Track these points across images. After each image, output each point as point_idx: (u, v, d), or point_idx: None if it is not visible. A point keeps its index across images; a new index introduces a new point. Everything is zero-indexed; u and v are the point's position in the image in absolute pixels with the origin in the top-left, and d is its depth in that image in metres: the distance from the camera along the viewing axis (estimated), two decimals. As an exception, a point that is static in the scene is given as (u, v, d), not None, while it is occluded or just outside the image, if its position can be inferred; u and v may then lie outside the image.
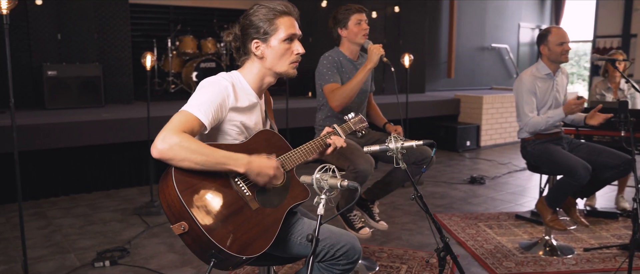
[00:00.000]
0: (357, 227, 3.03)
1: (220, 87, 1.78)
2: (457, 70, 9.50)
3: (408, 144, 2.06)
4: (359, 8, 3.10)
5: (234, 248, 1.58)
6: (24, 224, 4.01)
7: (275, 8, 1.87)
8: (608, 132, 4.07)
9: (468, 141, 7.21)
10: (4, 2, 2.66)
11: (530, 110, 3.36)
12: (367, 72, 2.93)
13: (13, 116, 2.91)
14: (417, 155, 3.04)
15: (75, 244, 3.64)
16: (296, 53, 1.91)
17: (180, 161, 1.61)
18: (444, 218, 4.15)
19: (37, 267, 3.26)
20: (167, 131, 1.61)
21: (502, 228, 3.95)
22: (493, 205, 4.59)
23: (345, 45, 3.17)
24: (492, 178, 5.56)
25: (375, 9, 8.11)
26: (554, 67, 3.43)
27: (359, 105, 3.21)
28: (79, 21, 6.19)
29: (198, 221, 1.56)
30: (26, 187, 4.67)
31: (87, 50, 6.25)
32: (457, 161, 6.56)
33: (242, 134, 1.87)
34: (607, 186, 3.65)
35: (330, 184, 1.53)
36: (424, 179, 5.51)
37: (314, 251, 1.49)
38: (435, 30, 9.18)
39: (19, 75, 5.94)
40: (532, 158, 3.45)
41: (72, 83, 5.87)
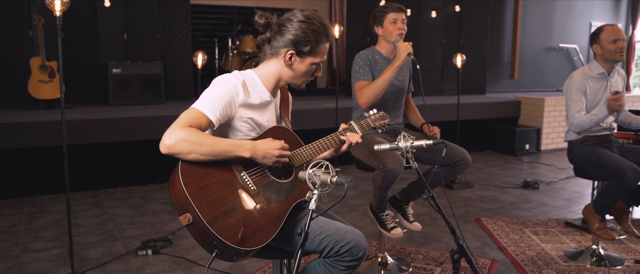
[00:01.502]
0: (389, 227, 3.01)
1: (229, 85, 1.83)
2: (521, 71, 9.17)
3: (418, 143, 2.03)
4: (397, 7, 3.09)
5: (234, 240, 1.63)
6: (82, 213, 4.29)
7: (327, 33, 1.92)
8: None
9: (527, 144, 6.95)
10: (58, 4, 2.83)
11: (577, 110, 3.21)
12: (394, 70, 2.90)
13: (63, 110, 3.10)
14: (452, 156, 2.99)
15: (124, 233, 3.83)
16: (314, 75, 1.99)
17: (187, 154, 1.67)
18: (489, 223, 4.03)
19: (86, 252, 3.46)
20: (174, 127, 1.68)
21: (548, 234, 3.79)
22: (543, 211, 4.41)
23: (381, 43, 3.16)
24: (547, 183, 5.34)
25: (435, 9, 7.99)
26: (608, 67, 3.25)
27: (394, 103, 3.18)
28: (143, 21, 6.49)
29: (200, 214, 1.62)
30: (87, 178, 4.96)
31: (150, 49, 6.54)
32: (514, 164, 6.34)
33: (254, 130, 1.91)
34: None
35: (322, 179, 1.55)
36: (474, 182, 5.37)
37: (302, 244, 1.51)
38: (498, 30, 8.91)
39: (87, 73, 6.31)
40: (579, 161, 3.29)
41: (135, 80, 6.17)
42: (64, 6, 2.87)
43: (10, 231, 3.85)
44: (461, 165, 3.00)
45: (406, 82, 3.27)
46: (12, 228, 3.93)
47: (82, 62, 6.28)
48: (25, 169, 4.70)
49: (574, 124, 3.20)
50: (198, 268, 3.20)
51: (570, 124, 3.25)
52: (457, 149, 3.02)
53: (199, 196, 1.64)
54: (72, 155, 4.79)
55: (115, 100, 6.08)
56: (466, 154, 3.01)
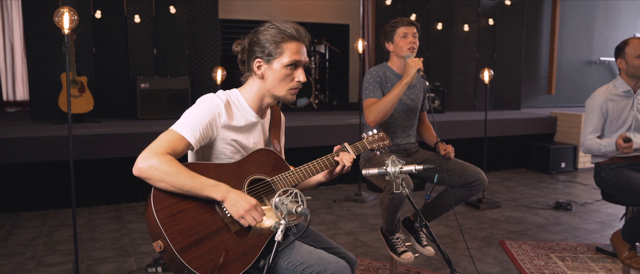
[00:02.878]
0: (399, 251, 2.89)
1: (211, 106, 1.77)
2: (558, 86, 8.86)
3: (407, 168, 1.91)
4: (407, 21, 2.99)
5: (204, 271, 1.56)
6: (101, 227, 4.32)
7: (285, 31, 1.82)
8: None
9: (563, 162, 6.65)
10: (66, 22, 2.85)
11: (590, 131, 3.03)
12: (403, 87, 2.79)
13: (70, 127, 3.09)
14: (467, 177, 2.85)
15: (138, 249, 3.82)
16: (297, 80, 1.85)
17: (157, 182, 1.62)
18: (513, 246, 3.84)
19: (98, 268, 3.46)
20: (149, 151, 1.63)
21: (576, 261, 3.57)
22: (574, 235, 4.17)
23: (393, 59, 3.07)
24: (581, 204, 5.07)
25: (467, 22, 7.82)
26: (634, 83, 3.06)
27: (406, 122, 3.07)
28: (172, 37, 6.58)
29: (170, 242, 1.56)
30: (110, 191, 5.00)
31: (178, 64, 6.61)
32: (547, 184, 6.07)
33: (238, 153, 1.84)
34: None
35: (288, 208, 1.46)
36: (502, 201, 5.15)
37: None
38: (534, 43, 8.64)
39: (117, 87, 6.42)
40: (606, 185, 3.10)
41: (163, 95, 6.23)
42: (72, 23, 2.87)
43: (29, 244, 3.90)
44: (476, 186, 2.86)
45: (419, 101, 3.15)
46: (32, 240, 3.98)
47: (112, 76, 6.39)
48: (51, 182, 4.78)
49: (584, 146, 3.03)
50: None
51: (581, 145, 3.07)
52: (472, 169, 2.88)
53: (170, 223, 1.58)
54: (97, 168, 4.85)
55: (143, 114, 6.16)
56: (481, 174, 2.87)
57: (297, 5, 9.44)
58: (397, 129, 3.03)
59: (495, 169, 6.78)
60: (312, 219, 4.48)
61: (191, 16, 6.62)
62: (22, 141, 4.61)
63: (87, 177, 4.87)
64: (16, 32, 8.04)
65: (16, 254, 3.71)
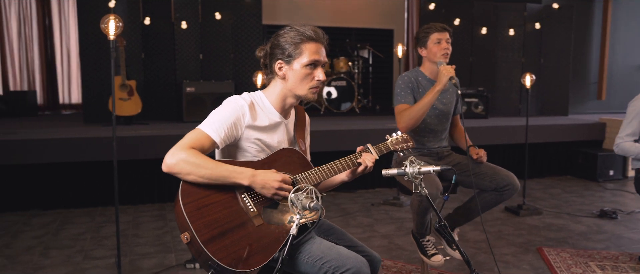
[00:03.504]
0: (429, 253, 2.90)
1: (235, 107, 1.86)
2: (609, 91, 8.58)
3: (425, 168, 1.93)
4: (440, 27, 3.00)
5: (227, 261, 1.64)
6: (145, 224, 4.50)
7: (304, 33, 1.90)
8: None
9: (611, 170, 6.44)
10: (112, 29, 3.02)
11: (627, 134, 2.97)
12: (435, 94, 2.80)
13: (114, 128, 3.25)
14: (498, 181, 2.84)
15: (179, 246, 3.97)
16: (316, 79, 1.92)
17: (186, 175, 1.71)
18: (551, 253, 3.77)
19: (140, 262, 3.62)
20: (177, 147, 1.73)
21: (617, 270, 3.47)
22: (617, 244, 4.05)
23: (426, 65, 3.08)
24: (628, 213, 4.91)
25: (512, 26, 7.70)
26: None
27: (438, 127, 3.08)
28: (218, 42, 6.78)
29: (196, 234, 1.64)
30: (155, 190, 5.20)
31: (223, 68, 6.80)
32: (593, 191, 5.89)
33: (263, 151, 1.93)
34: None
35: (302, 204, 1.52)
36: (544, 208, 5.05)
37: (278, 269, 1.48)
38: (584, 47, 8.42)
39: (164, 91, 6.66)
40: (646, 192, 3.01)
41: (207, 98, 6.42)
42: (117, 30, 3.04)
43: (78, 238, 4.11)
44: (508, 190, 2.84)
45: (451, 105, 3.15)
46: (81, 235, 4.20)
47: (160, 81, 6.64)
48: (100, 180, 5.01)
49: (619, 147, 2.97)
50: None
51: (615, 145, 3.00)
52: (504, 173, 2.86)
53: (197, 216, 1.67)
54: (143, 168, 5.05)
55: (188, 117, 6.36)
56: (513, 178, 2.85)
57: (341, 11, 9.52)
58: (430, 134, 3.05)
59: (539, 176, 6.64)
60: (349, 222, 4.54)
61: (236, 22, 6.79)
62: (74, 141, 4.86)
63: (134, 177, 5.08)
64: (72, 38, 8.45)
65: (66, 247, 3.92)
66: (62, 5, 8.38)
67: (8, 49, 8.06)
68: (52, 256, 3.74)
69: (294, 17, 9.09)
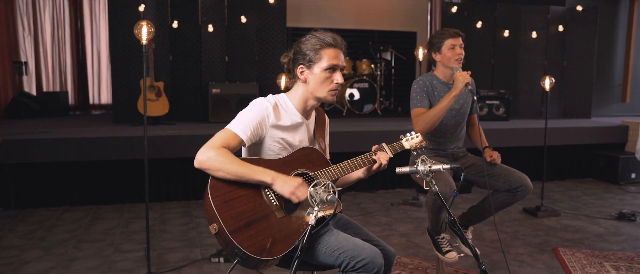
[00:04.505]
0: (444, 250, 3.01)
1: (261, 108, 2.01)
2: (634, 94, 8.52)
3: (436, 167, 2.05)
4: (454, 33, 3.10)
5: (252, 250, 1.78)
6: (171, 220, 4.68)
7: (324, 39, 2.05)
8: None
9: (633, 173, 6.43)
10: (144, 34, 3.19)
11: None
12: (451, 100, 2.91)
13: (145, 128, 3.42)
14: (511, 182, 2.94)
15: (204, 241, 4.14)
16: (335, 82, 2.06)
17: (215, 171, 1.87)
18: (566, 254, 3.83)
19: (167, 256, 3.79)
20: (208, 146, 1.89)
21: (632, 270, 3.52)
22: (634, 245, 4.09)
23: (439, 69, 3.18)
24: (647, 216, 4.93)
25: (535, 29, 7.72)
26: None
27: (454, 128, 3.18)
28: (243, 45, 6.95)
29: (224, 224, 1.79)
30: (180, 188, 5.39)
31: (248, 70, 6.97)
32: (614, 194, 5.90)
33: (285, 150, 2.07)
34: None
35: (320, 197, 1.65)
36: (563, 210, 5.09)
37: (297, 256, 1.62)
38: (608, 50, 8.37)
39: (190, 92, 6.86)
40: (658, 194, 3.07)
41: (232, 100, 6.60)
42: (149, 35, 3.21)
43: (108, 233, 4.31)
44: (521, 191, 2.93)
45: (467, 106, 3.25)
46: (111, 230, 4.40)
47: (186, 82, 6.83)
48: (129, 178, 5.22)
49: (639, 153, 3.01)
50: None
51: (637, 151, 3.05)
52: (517, 175, 2.95)
53: (224, 208, 1.82)
54: (170, 167, 5.25)
55: (213, 118, 6.55)
56: (526, 180, 2.94)
57: (364, 13, 9.62)
58: (446, 135, 3.15)
59: (559, 179, 6.66)
60: (368, 221, 4.66)
61: (260, 25, 6.96)
62: (104, 140, 5.08)
63: (161, 175, 5.28)
64: (103, 41, 8.73)
65: (97, 241, 4.12)
66: (93, 8, 8.66)
67: (42, 51, 8.37)
68: (84, 249, 3.94)
69: (318, 19, 9.24)
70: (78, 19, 8.61)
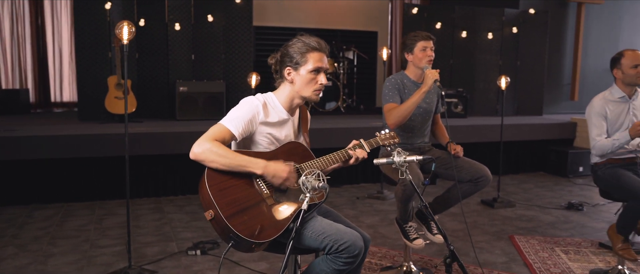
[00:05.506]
0: (411, 237, 3.23)
1: (251, 106, 2.19)
2: (582, 92, 9.03)
3: (410, 158, 2.27)
4: (426, 36, 3.33)
5: (247, 233, 1.96)
6: (144, 216, 4.76)
7: (309, 43, 2.24)
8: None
9: (581, 166, 6.87)
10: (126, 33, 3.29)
11: (598, 133, 3.32)
12: (421, 95, 3.14)
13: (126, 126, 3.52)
14: (473, 173, 3.19)
15: (178, 235, 4.25)
16: (320, 83, 2.26)
17: (210, 162, 2.03)
18: (521, 240, 4.14)
19: (144, 250, 3.90)
20: (203, 139, 2.05)
21: (579, 254, 3.85)
22: (581, 232, 4.44)
23: (410, 68, 3.41)
24: (593, 205, 5.32)
25: (491, 30, 8.09)
26: (629, 90, 3.36)
27: (422, 124, 3.41)
28: (209, 43, 7.04)
29: (220, 210, 1.96)
30: (150, 185, 5.47)
31: (214, 69, 7.07)
32: (563, 186, 6.31)
33: (273, 144, 2.25)
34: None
35: (312, 185, 1.84)
36: (517, 201, 5.44)
37: (292, 237, 1.80)
38: (558, 51, 8.84)
39: (158, 90, 6.91)
40: (602, 183, 3.39)
41: (199, 98, 6.70)
42: (130, 35, 3.31)
43: (82, 229, 4.37)
44: (482, 181, 3.19)
45: (433, 104, 3.49)
46: (84, 226, 4.45)
47: (153, 80, 6.88)
48: (99, 176, 5.26)
49: (596, 148, 3.31)
50: (239, 268, 3.55)
51: (592, 147, 3.36)
52: (478, 166, 3.21)
53: (220, 196, 1.99)
54: (139, 164, 5.31)
55: (181, 116, 6.62)
56: (487, 171, 3.20)
57: (328, 13, 9.83)
58: (413, 130, 3.38)
59: (514, 172, 7.04)
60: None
61: (227, 24, 7.07)
62: (73, 138, 5.11)
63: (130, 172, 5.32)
64: (64, 38, 8.63)
65: (71, 237, 4.18)
66: (54, 4, 8.56)
67: (0, 47, 8.22)
68: (59, 245, 4.00)
69: (282, 18, 9.39)
70: (39, 16, 8.49)
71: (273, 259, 3.70)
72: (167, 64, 6.89)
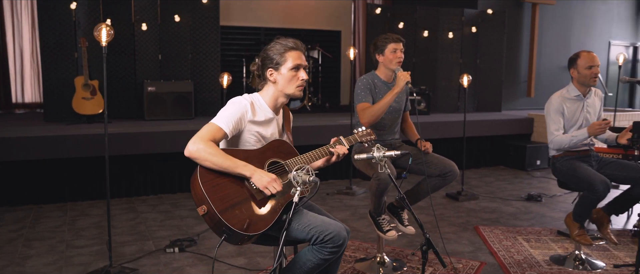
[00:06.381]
0: (385, 230, 3.40)
1: (240, 105, 2.30)
2: (538, 89, 9.44)
3: (389, 153, 2.43)
4: (396, 38, 3.49)
5: (239, 226, 2.07)
6: (118, 216, 4.79)
7: (286, 44, 2.38)
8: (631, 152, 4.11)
9: (538, 160, 7.22)
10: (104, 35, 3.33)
11: (556, 129, 3.56)
12: (393, 96, 3.30)
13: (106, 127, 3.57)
14: (442, 168, 3.37)
15: (154, 234, 4.31)
16: (301, 79, 2.39)
17: (203, 161, 2.15)
18: (485, 231, 4.37)
19: (122, 249, 3.94)
20: (198, 137, 2.16)
21: (539, 242, 4.11)
22: (541, 221, 4.72)
23: (381, 69, 3.57)
24: (551, 197, 5.63)
25: (452, 30, 8.36)
26: (584, 90, 3.61)
27: (392, 122, 3.58)
28: (176, 43, 7.05)
29: (213, 205, 2.07)
30: (122, 185, 5.48)
31: (182, 68, 7.09)
32: (522, 179, 6.63)
33: (259, 142, 2.37)
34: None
35: (302, 179, 1.97)
36: (480, 194, 5.70)
37: (286, 227, 1.94)
38: (515, 50, 9.22)
39: (125, 90, 6.88)
40: (560, 174, 3.63)
41: (168, 98, 6.71)
42: (109, 37, 3.36)
43: (56, 231, 4.37)
44: (450, 175, 3.37)
45: (403, 103, 3.66)
46: (58, 228, 4.45)
47: (120, 80, 6.85)
48: (69, 177, 5.25)
49: (554, 142, 3.56)
50: (217, 264, 3.64)
51: (549, 142, 3.60)
52: (446, 162, 3.40)
53: (212, 192, 2.10)
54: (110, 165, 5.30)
55: (149, 115, 6.63)
56: (454, 166, 3.39)
57: (291, 13, 9.95)
58: (385, 128, 3.54)
59: (475, 167, 7.34)
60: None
61: (194, 23, 7.10)
62: (39, 139, 5.07)
63: (102, 173, 5.34)
64: (25, 38, 8.47)
65: (46, 238, 4.18)
66: (14, 4, 8.39)
67: (-42, 48, 8.02)
68: (35, 247, 4.00)
69: (247, 18, 9.46)
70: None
71: (250, 254, 3.81)
72: (134, 65, 6.87)
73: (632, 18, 10.51)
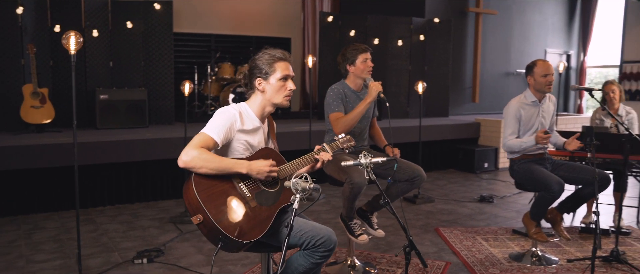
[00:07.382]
0: (356, 234, 3.50)
1: (229, 115, 2.34)
2: (482, 95, 9.86)
3: (375, 160, 2.53)
4: (365, 48, 3.62)
5: (235, 234, 2.11)
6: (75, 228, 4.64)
7: (275, 55, 2.44)
8: (582, 154, 4.38)
9: (486, 163, 7.55)
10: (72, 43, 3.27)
11: (510, 133, 3.79)
12: (366, 105, 3.42)
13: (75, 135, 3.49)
14: (410, 173, 3.50)
15: (119, 245, 4.22)
16: (289, 89, 2.45)
17: (199, 168, 2.17)
18: (446, 232, 4.55)
19: (87, 262, 3.85)
20: (190, 147, 2.18)
21: (497, 240, 4.33)
22: (495, 221, 4.96)
23: (351, 78, 3.68)
24: (501, 197, 5.92)
25: (401, 38, 8.61)
26: (540, 96, 3.85)
27: (362, 129, 3.69)
28: (128, 50, 6.92)
29: (209, 214, 2.09)
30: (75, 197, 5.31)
31: (134, 76, 6.96)
32: (473, 181, 6.92)
33: (248, 150, 2.41)
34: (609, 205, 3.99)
35: (302, 186, 2.03)
36: (435, 197, 5.91)
37: (289, 234, 1.99)
38: (460, 57, 9.59)
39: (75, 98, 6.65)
40: (518, 176, 3.86)
41: (121, 106, 6.57)
42: (78, 45, 3.30)
43: (11, 245, 4.21)
44: (417, 180, 3.51)
45: (371, 111, 3.78)
46: (13, 242, 4.28)
47: (70, 88, 6.64)
48: (18, 189, 5.04)
49: (506, 145, 3.78)
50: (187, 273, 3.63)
51: (503, 144, 3.83)
52: (414, 167, 3.54)
53: (208, 201, 2.13)
54: (63, 175, 5.16)
55: (102, 124, 6.47)
56: (421, 171, 3.53)
57: (242, 20, 9.92)
58: (355, 135, 3.64)
59: (427, 170, 7.50)
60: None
61: (147, 30, 6.99)
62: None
63: (54, 184, 5.17)
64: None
65: (3, 254, 4.01)
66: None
67: None
68: (-8, 262, 3.84)
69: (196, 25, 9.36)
70: None
71: (221, 263, 3.81)
72: (84, 72, 6.69)
73: (564, 28, 11.16)
